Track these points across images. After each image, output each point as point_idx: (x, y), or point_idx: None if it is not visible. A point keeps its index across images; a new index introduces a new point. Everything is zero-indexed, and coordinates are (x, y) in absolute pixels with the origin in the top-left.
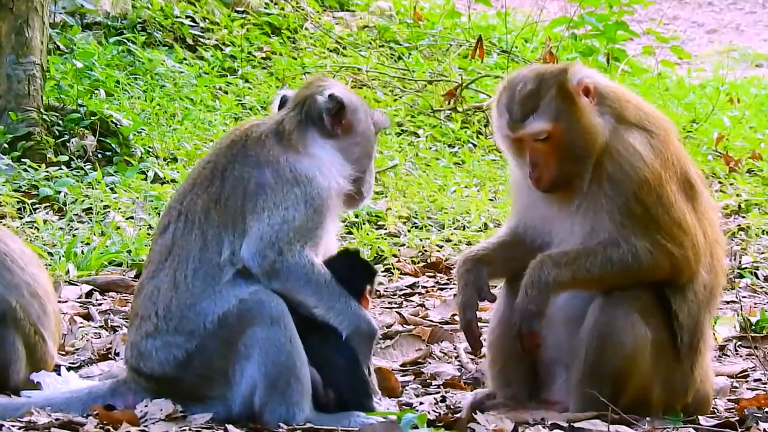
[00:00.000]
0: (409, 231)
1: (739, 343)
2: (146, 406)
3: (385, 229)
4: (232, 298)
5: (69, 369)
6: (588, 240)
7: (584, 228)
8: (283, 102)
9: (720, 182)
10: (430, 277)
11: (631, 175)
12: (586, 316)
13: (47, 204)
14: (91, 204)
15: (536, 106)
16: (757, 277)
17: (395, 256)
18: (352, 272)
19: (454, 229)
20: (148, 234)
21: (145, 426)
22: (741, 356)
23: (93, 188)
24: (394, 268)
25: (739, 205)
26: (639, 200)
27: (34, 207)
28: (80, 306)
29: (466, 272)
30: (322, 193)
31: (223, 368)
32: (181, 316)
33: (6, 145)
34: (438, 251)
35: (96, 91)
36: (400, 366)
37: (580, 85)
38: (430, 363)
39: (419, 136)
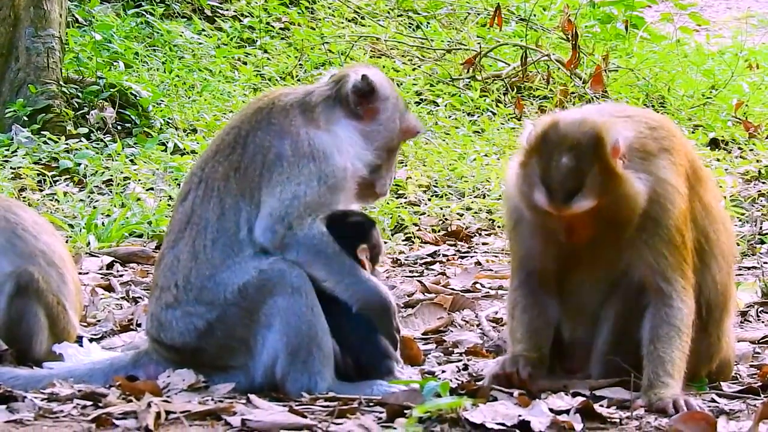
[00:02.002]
0: (429, 200)
1: (761, 308)
2: (168, 376)
3: (406, 197)
4: (251, 269)
5: (91, 340)
6: (621, 275)
7: (619, 260)
8: None
9: (740, 148)
10: (450, 245)
11: (670, 209)
12: (613, 291)
13: (67, 176)
14: (111, 176)
15: (580, 185)
16: None
17: (416, 224)
18: (344, 234)
19: (474, 197)
20: (169, 205)
21: (168, 396)
22: (763, 322)
23: (113, 160)
24: (414, 237)
25: (759, 171)
26: (678, 229)
27: (54, 179)
28: (101, 277)
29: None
30: (337, 172)
31: (244, 338)
32: (201, 287)
33: (26, 118)
34: (458, 219)
35: (115, 63)
36: (422, 334)
37: (616, 152)
38: (451, 331)
39: (438, 105)
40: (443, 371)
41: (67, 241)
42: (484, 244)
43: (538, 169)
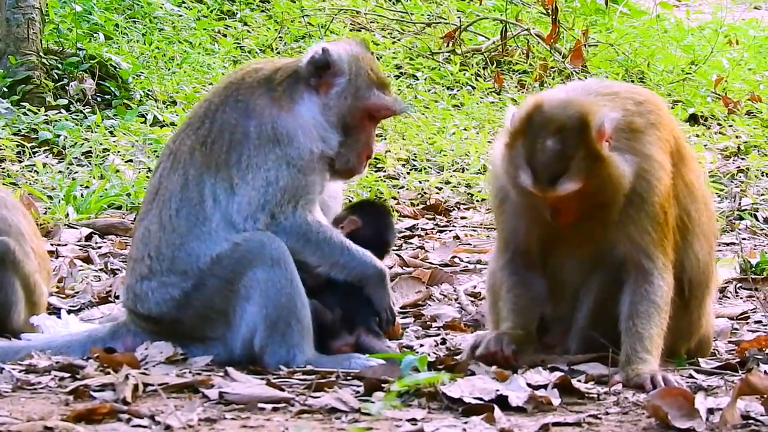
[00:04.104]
0: (408, 173)
1: (740, 285)
2: (146, 348)
3: (384, 171)
4: (223, 240)
5: (69, 312)
6: (603, 252)
7: (604, 238)
8: None
9: (719, 124)
10: (429, 219)
11: (655, 185)
12: (595, 267)
13: (47, 147)
14: (91, 147)
15: (565, 168)
16: (757, 219)
17: (394, 198)
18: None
19: (454, 171)
20: (148, 177)
21: (146, 369)
22: (741, 298)
23: (92, 131)
24: (393, 211)
25: (739, 147)
26: (661, 206)
27: (33, 150)
28: (80, 249)
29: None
30: (303, 153)
31: (222, 308)
32: (172, 257)
33: (5, 89)
34: (437, 193)
35: (95, 35)
36: (400, 308)
37: (601, 136)
38: (430, 305)
39: (418, 79)
40: (421, 345)
41: (45, 213)
42: (462, 218)
43: (523, 151)
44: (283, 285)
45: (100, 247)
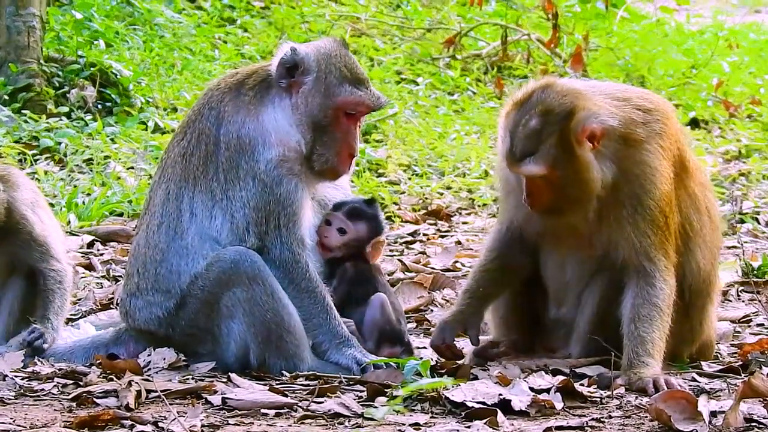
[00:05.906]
0: (409, 179)
1: (742, 288)
2: (149, 355)
3: (386, 176)
4: (200, 258)
5: (68, 321)
6: (604, 255)
7: (600, 240)
8: None
9: (720, 128)
10: (430, 224)
11: (651, 190)
12: (596, 271)
13: (48, 155)
14: (92, 155)
15: (535, 149)
16: (759, 222)
17: (396, 203)
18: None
19: (455, 176)
20: (149, 184)
21: (148, 375)
22: (743, 301)
23: (93, 139)
24: (394, 216)
25: (740, 151)
26: (661, 210)
27: (35, 158)
28: (82, 256)
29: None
30: (262, 165)
31: (207, 327)
32: (155, 274)
33: (6, 97)
34: (438, 198)
35: (95, 42)
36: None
37: (584, 132)
38: (432, 311)
39: (418, 84)
40: (424, 348)
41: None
42: (464, 223)
43: (511, 122)
44: (264, 301)
45: (101, 255)
